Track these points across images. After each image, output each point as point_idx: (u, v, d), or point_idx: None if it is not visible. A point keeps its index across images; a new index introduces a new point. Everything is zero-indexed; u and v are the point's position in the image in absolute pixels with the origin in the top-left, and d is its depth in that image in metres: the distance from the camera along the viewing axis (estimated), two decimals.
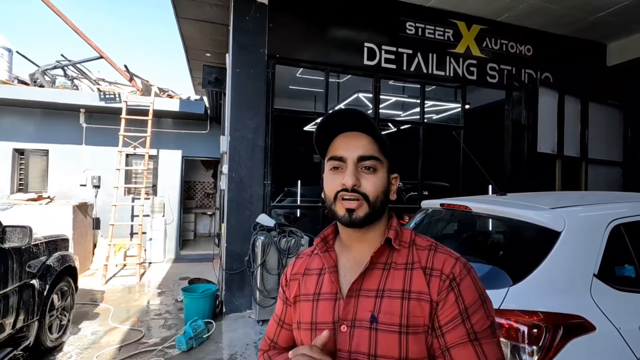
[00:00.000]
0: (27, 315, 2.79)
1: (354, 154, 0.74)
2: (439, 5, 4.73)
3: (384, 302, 0.70)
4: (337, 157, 0.75)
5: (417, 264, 0.73)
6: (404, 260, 0.75)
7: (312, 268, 0.84)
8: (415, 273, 0.72)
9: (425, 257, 0.74)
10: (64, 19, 6.14)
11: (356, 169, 0.74)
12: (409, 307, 0.69)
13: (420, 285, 0.71)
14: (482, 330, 0.67)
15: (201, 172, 10.13)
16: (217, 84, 5.91)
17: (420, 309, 0.69)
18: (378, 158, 0.75)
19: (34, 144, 6.76)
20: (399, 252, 0.76)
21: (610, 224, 1.57)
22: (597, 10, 4.73)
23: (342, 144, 0.76)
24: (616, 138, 5.74)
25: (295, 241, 3.75)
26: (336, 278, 0.77)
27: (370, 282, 0.73)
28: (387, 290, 0.71)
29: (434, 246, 0.76)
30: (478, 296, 0.70)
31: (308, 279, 0.83)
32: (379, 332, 0.69)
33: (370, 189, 0.73)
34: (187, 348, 3.24)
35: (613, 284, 1.47)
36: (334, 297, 0.76)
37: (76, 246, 5.54)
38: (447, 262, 0.72)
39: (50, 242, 3.26)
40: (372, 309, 0.70)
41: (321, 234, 0.85)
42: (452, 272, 0.70)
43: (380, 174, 0.75)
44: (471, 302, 0.68)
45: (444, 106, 6.39)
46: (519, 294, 1.45)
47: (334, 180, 0.75)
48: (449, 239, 2.47)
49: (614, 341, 1.36)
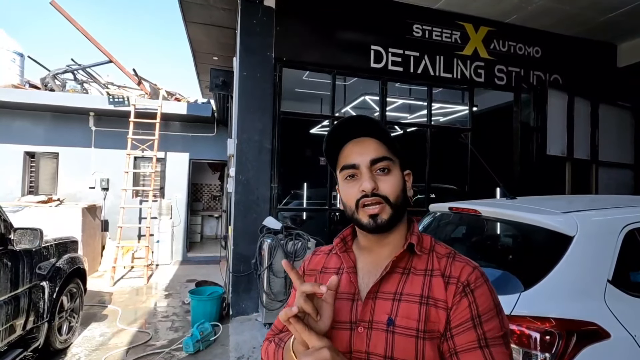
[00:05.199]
0: (37, 316, 2.82)
1: (366, 158, 0.74)
2: (446, 7, 4.71)
3: (401, 305, 0.71)
4: (349, 165, 0.75)
5: (437, 270, 0.73)
6: (423, 266, 0.75)
7: (330, 267, 0.85)
8: (435, 280, 0.72)
9: (444, 265, 0.74)
10: (75, 24, 6.24)
11: (371, 173, 0.74)
12: (427, 312, 0.69)
13: (439, 293, 0.70)
14: (494, 338, 0.66)
15: (208, 174, 10.19)
16: (224, 87, 5.95)
17: (437, 316, 0.69)
18: (390, 158, 0.75)
19: (44, 147, 6.86)
20: (419, 258, 0.76)
21: (624, 228, 1.53)
22: (608, 11, 4.67)
23: (351, 151, 0.76)
24: (627, 140, 5.65)
25: (302, 244, 3.74)
26: (355, 279, 0.77)
27: (389, 286, 0.73)
28: (405, 294, 0.71)
29: (453, 254, 0.76)
30: (493, 306, 0.69)
31: (325, 277, 0.84)
32: (396, 335, 0.69)
33: (389, 190, 0.74)
34: (194, 350, 3.25)
35: (628, 289, 1.44)
36: (352, 298, 0.76)
37: (85, 248, 5.60)
38: (465, 270, 0.72)
39: (60, 244, 3.29)
40: (390, 312, 0.71)
41: (340, 234, 0.85)
42: (467, 279, 0.70)
43: (395, 173, 0.76)
44: (485, 309, 0.68)
45: (452, 108, 6.35)
46: (531, 299, 1.42)
47: (351, 188, 0.75)
48: (457, 242, 2.44)
49: (629, 349, 1.32)
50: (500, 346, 0.66)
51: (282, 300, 3.60)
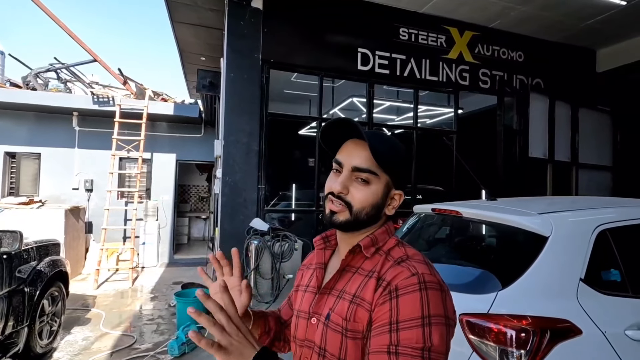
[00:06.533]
0: (16, 321, 2.76)
1: (351, 162, 0.76)
2: (432, 12, 4.79)
3: (339, 302, 0.75)
4: (337, 161, 0.79)
5: (376, 272, 0.73)
6: (370, 267, 0.75)
7: (313, 263, 0.89)
8: (370, 281, 0.73)
9: (386, 268, 0.73)
10: (57, 22, 6.11)
11: (350, 177, 0.76)
12: (354, 311, 0.71)
13: (367, 293, 0.71)
14: (408, 348, 0.62)
15: (195, 175, 10.09)
16: (211, 88, 5.92)
17: (362, 315, 0.70)
18: (374, 172, 0.75)
19: (25, 147, 6.70)
20: (371, 259, 0.76)
21: (596, 229, 1.59)
22: (586, 18, 4.82)
23: (345, 150, 0.79)
24: (606, 143, 5.83)
25: (289, 245, 3.74)
26: (320, 274, 0.83)
27: (340, 283, 0.78)
28: (345, 292, 0.75)
29: (401, 259, 0.73)
30: (420, 316, 0.64)
31: (307, 272, 0.91)
32: (329, 329, 0.74)
33: (356, 200, 0.75)
34: (180, 353, 3.22)
35: (599, 288, 1.50)
36: (315, 291, 0.82)
37: (68, 251, 5.49)
38: (401, 275, 0.69)
39: (41, 247, 3.23)
40: (331, 307, 0.75)
41: (324, 232, 0.90)
42: (397, 284, 0.67)
43: (374, 188, 0.76)
44: (406, 317, 0.64)
45: (438, 111, 6.44)
46: (508, 298, 1.47)
47: (330, 180, 0.79)
48: (440, 243, 2.49)
49: (599, 345, 1.38)
50: (410, 357, 0.61)
51: (268, 302, 3.60)
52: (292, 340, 0.86)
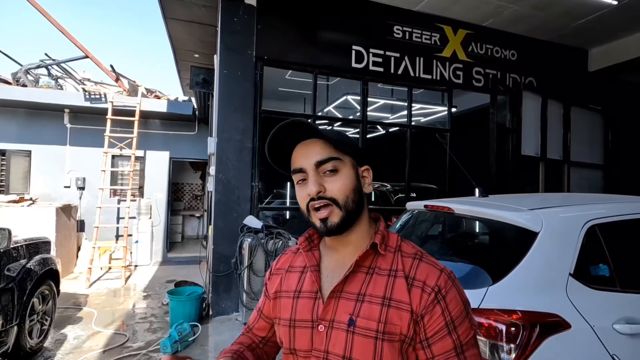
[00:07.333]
0: (5, 320, 2.72)
1: (311, 161, 0.73)
2: (426, 10, 4.80)
3: (363, 306, 0.70)
4: (297, 169, 0.75)
5: (400, 271, 0.72)
6: (388, 266, 0.74)
7: (296, 266, 0.85)
8: (397, 281, 0.71)
9: (409, 266, 0.73)
10: (48, 18, 6.03)
11: (318, 175, 0.73)
12: (387, 314, 0.69)
13: (401, 294, 0.70)
14: (467, 342, 0.69)
15: (189, 173, 10.03)
16: (205, 85, 5.88)
17: (399, 318, 0.68)
18: (337, 158, 0.73)
19: (16, 145, 6.60)
20: (383, 257, 0.75)
21: (585, 224, 1.61)
22: (578, 17, 4.86)
23: (298, 155, 0.76)
24: (598, 141, 5.91)
25: (283, 243, 3.74)
26: (317, 277, 0.77)
27: (353, 286, 0.73)
28: (368, 295, 0.71)
29: (419, 255, 0.75)
30: (463, 307, 0.71)
31: (290, 275, 0.84)
32: (356, 335, 0.69)
33: (336, 191, 0.72)
34: (172, 352, 3.20)
35: (588, 283, 1.51)
36: (314, 296, 0.76)
37: (59, 249, 5.43)
38: (432, 274, 0.71)
39: (31, 245, 3.18)
40: (352, 312, 0.70)
41: (306, 232, 0.85)
42: (437, 285, 0.70)
43: (345, 172, 0.74)
44: (457, 313, 0.70)
45: (432, 109, 6.47)
46: (498, 293, 1.48)
47: (301, 192, 0.75)
48: (433, 239, 2.50)
49: (588, 339, 1.39)
50: (472, 348, 0.70)
51: None
52: (287, 352, 0.79)
